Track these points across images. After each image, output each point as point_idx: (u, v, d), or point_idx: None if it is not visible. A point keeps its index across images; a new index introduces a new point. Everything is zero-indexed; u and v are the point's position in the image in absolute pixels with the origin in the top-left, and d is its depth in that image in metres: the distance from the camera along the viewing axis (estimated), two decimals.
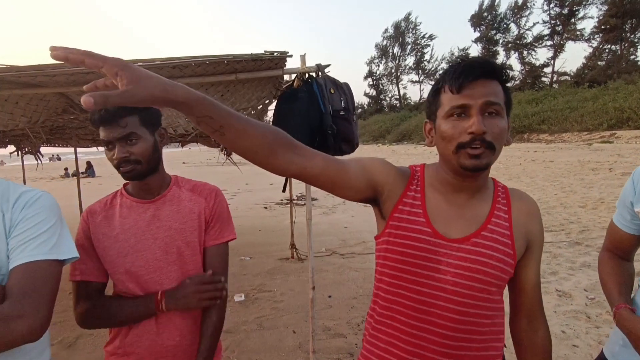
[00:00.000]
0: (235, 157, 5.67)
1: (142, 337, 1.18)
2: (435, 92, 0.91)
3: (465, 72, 0.84)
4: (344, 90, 2.34)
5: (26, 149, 6.44)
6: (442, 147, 0.90)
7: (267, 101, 2.53)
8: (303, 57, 2.36)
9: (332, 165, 0.89)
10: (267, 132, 0.79)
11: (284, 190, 3.30)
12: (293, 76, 2.42)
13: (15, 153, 6.65)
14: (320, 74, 2.34)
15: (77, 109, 2.47)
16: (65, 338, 3.17)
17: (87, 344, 3.11)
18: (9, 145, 6.02)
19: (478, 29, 47.00)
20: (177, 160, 29.55)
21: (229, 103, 2.46)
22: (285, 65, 2.33)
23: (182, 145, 6.76)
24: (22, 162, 7.50)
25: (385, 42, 57.37)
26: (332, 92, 2.30)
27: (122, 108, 1.10)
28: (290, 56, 2.24)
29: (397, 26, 54.82)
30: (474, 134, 0.82)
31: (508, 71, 0.91)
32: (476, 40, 47.24)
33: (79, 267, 1.16)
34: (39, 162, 6.94)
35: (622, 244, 1.22)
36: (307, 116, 2.19)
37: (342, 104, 2.30)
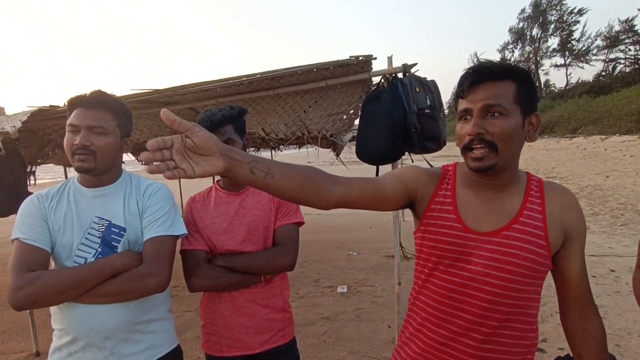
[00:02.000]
0: (343, 156, 5.94)
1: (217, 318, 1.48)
2: (456, 97, 0.99)
3: (467, 78, 0.92)
4: (430, 88, 2.33)
5: None
6: (459, 148, 0.97)
7: (357, 104, 2.67)
8: (390, 59, 2.44)
9: (369, 186, 0.99)
10: (305, 169, 0.90)
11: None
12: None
13: None
14: (406, 73, 2.38)
15: None
16: (199, 307, 3.86)
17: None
18: None
19: None
20: (302, 160, 31.64)
21: (321, 109, 2.69)
22: (371, 68, 2.44)
23: (299, 147, 7.39)
24: None
25: (521, 24, 51.13)
26: (418, 90, 2.31)
27: (222, 119, 1.42)
28: (375, 59, 2.34)
29: (536, 4, 48.17)
30: (470, 135, 0.90)
31: (524, 69, 0.94)
32: None
33: (187, 239, 1.47)
34: None
35: None
36: (390, 116, 2.26)
37: (428, 102, 2.30)
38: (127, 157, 6.69)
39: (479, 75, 0.91)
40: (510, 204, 0.96)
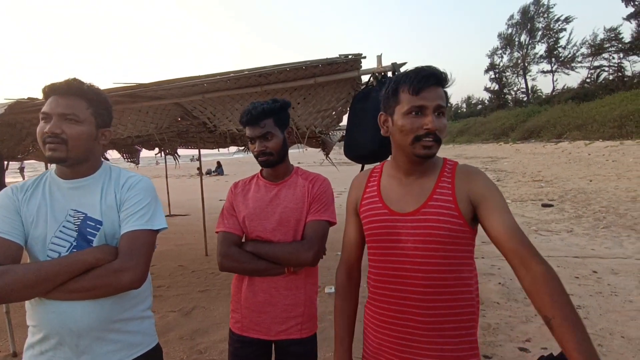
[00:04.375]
0: (332, 157, 5.93)
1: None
2: (395, 91, 1.11)
3: (424, 78, 1.05)
4: None
5: (167, 151, 7.76)
6: (399, 138, 1.10)
7: (345, 102, 2.66)
8: (379, 58, 2.42)
9: (352, 249, 1.32)
10: (346, 296, 1.40)
11: None
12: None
13: (160, 154, 8.08)
14: (395, 72, 2.37)
15: (190, 116, 2.95)
16: (183, 307, 3.81)
17: (199, 313, 3.67)
18: (155, 148, 7.37)
19: (632, 4, 39.11)
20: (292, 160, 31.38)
21: (310, 105, 2.67)
22: (360, 66, 2.43)
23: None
24: (165, 161, 9.06)
25: (510, 30, 51.78)
26: None
27: (262, 112, 1.46)
28: (364, 58, 2.33)
29: (524, 11, 48.87)
30: (429, 130, 1.04)
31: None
32: (629, 17, 39.44)
33: (223, 222, 1.54)
34: (177, 162, 8.31)
35: None
36: (379, 115, 2.25)
37: None
38: (111, 154, 6.54)
39: (433, 78, 1.05)
40: (426, 186, 1.12)
